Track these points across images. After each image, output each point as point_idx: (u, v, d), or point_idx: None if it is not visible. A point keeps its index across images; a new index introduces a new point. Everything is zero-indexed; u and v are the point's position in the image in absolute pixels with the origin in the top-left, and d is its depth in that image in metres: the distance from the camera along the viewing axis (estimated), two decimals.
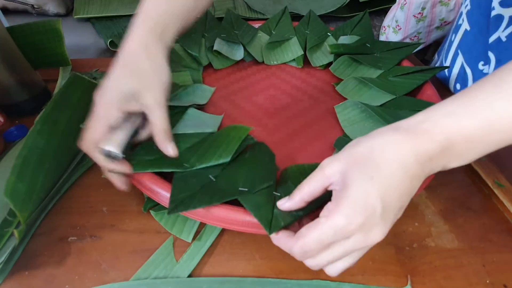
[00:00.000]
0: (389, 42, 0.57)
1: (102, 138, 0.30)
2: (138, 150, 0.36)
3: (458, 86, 0.55)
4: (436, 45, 1.04)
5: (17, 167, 0.31)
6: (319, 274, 0.33)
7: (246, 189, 0.31)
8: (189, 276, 0.32)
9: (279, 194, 0.32)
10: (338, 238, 0.22)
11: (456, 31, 0.55)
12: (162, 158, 0.35)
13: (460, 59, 0.53)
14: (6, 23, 0.59)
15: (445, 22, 0.84)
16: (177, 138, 0.38)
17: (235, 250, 0.35)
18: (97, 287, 0.31)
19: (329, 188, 0.25)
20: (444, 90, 0.57)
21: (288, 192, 0.31)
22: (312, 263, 0.25)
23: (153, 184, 0.33)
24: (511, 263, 0.34)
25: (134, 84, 0.30)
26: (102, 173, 0.36)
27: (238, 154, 0.37)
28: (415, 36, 0.84)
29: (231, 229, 0.31)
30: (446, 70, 0.58)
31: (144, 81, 0.30)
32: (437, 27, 0.82)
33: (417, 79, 0.48)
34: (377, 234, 0.22)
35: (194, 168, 0.34)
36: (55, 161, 0.36)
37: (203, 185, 0.32)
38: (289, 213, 0.29)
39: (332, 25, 0.88)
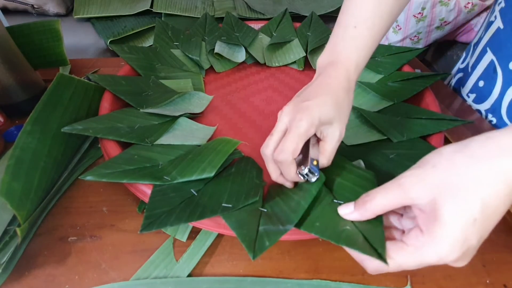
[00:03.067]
0: (391, 46, 0.57)
1: (297, 152, 0.30)
2: (116, 159, 0.35)
3: (481, 83, 0.52)
4: (436, 45, 1.04)
5: (11, 167, 0.32)
6: (319, 274, 0.33)
7: (230, 205, 0.30)
8: (189, 276, 0.32)
9: (265, 210, 0.31)
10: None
11: (487, 28, 0.53)
12: (141, 168, 0.34)
13: (488, 57, 0.51)
14: (6, 23, 0.59)
15: (445, 22, 0.84)
16: (161, 149, 0.37)
17: (235, 250, 0.35)
18: (97, 287, 0.31)
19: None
20: (444, 92, 0.57)
21: (275, 208, 0.31)
22: None
23: (146, 187, 0.33)
24: (511, 263, 0.34)
25: (334, 113, 0.32)
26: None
27: (223, 169, 0.36)
28: (415, 36, 0.84)
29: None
30: (469, 67, 0.56)
31: (340, 113, 0.32)
32: (437, 27, 0.82)
33: (417, 85, 0.48)
34: (464, 261, 0.22)
35: (175, 181, 0.33)
36: (50, 160, 0.36)
37: (184, 200, 0.31)
38: (275, 230, 0.28)
39: (332, 25, 0.88)
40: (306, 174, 0.31)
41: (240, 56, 0.59)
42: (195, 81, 0.54)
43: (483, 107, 0.51)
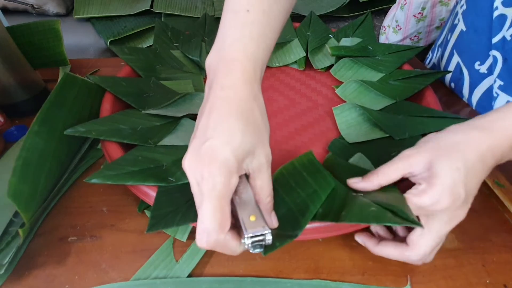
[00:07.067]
0: (391, 45, 0.57)
1: (227, 223, 0.23)
2: (120, 160, 0.35)
3: (452, 85, 0.56)
4: None
5: (18, 169, 0.31)
6: (319, 274, 0.33)
7: None
8: (189, 276, 0.32)
9: None
10: (422, 212, 0.27)
11: (452, 30, 0.56)
12: (145, 169, 0.33)
13: (455, 59, 0.54)
14: (6, 23, 0.59)
15: (445, 22, 0.84)
16: (165, 150, 0.37)
17: None
18: (97, 287, 0.31)
19: (407, 176, 0.28)
20: (441, 87, 0.57)
21: (280, 207, 0.30)
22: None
23: (148, 188, 0.33)
24: (511, 263, 0.34)
25: (251, 138, 0.24)
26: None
27: None
28: (415, 36, 0.84)
29: None
30: (441, 68, 0.58)
31: (257, 132, 0.25)
32: (437, 27, 0.82)
33: (418, 83, 0.48)
34: (461, 215, 0.28)
35: (180, 182, 0.33)
36: (55, 161, 0.36)
37: (189, 199, 0.30)
38: (284, 234, 0.27)
39: (332, 25, 0.88)
40: (252, 244, 0.24)
41: None
42: (196, 82, 0.53)
43: None
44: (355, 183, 0.30)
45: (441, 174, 0.25)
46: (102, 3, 0.86)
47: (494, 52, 0.46)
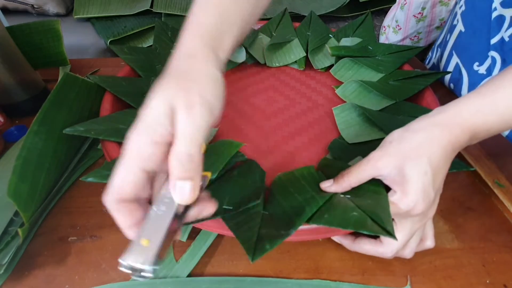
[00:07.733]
0: (391, 45, 0.57)
1: (130, 192, 0.21)
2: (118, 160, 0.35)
3: (451, 85, 0.56)
4: None
5: (18, 168, 0.31)
6: (319, 274, 0.33)
7: (231, 208, 0.30)
8: (189, 276, 0.32)
9: (266, 213, 0.31)
10: (397, 216, 0.29)
11: (451, 31, 0.56)
12: None
13: (454, 60, 0.54)
14: (6, 23, 0.59)
15: (445, 22, 0.84)
16: None
17: (236, 250, 0.35)
18: (97, 287, 0.31)
19: (378, 178, 0.29)
20: (440, 87, 0.57)
21: (276, 209, 0.31)
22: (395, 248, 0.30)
23: None
24: (511, 263, 0.34)
25: (172, 90, 0.22)
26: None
27: (226, 171, 0.35)
28: (415, 36, 0.84)
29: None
30: (440, 68, 0.58)
31: (183, 83, 0.23)
32: (437, 27, 0.82)
33: (418, 84, 0.48)
34: (430, 213, 0.30)
35: None
36: (55, 161, 0.36)
37: None
38: (277, 235, 0.27)
39: (332, 25, 0.88)
40: (130, 269, 0.20)
41: (240, 56, 0.59)
42: None
43: None
44: (328, 187, 0.31)
45: (412, 181, 0.27)
46: (102, 3, 0.86)
47: (492, 53, 0.46)
